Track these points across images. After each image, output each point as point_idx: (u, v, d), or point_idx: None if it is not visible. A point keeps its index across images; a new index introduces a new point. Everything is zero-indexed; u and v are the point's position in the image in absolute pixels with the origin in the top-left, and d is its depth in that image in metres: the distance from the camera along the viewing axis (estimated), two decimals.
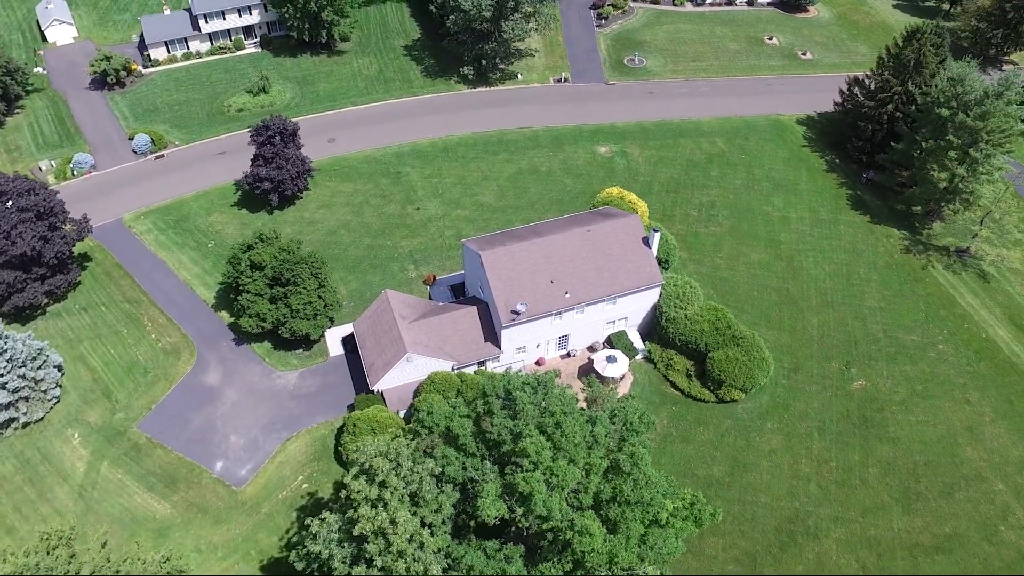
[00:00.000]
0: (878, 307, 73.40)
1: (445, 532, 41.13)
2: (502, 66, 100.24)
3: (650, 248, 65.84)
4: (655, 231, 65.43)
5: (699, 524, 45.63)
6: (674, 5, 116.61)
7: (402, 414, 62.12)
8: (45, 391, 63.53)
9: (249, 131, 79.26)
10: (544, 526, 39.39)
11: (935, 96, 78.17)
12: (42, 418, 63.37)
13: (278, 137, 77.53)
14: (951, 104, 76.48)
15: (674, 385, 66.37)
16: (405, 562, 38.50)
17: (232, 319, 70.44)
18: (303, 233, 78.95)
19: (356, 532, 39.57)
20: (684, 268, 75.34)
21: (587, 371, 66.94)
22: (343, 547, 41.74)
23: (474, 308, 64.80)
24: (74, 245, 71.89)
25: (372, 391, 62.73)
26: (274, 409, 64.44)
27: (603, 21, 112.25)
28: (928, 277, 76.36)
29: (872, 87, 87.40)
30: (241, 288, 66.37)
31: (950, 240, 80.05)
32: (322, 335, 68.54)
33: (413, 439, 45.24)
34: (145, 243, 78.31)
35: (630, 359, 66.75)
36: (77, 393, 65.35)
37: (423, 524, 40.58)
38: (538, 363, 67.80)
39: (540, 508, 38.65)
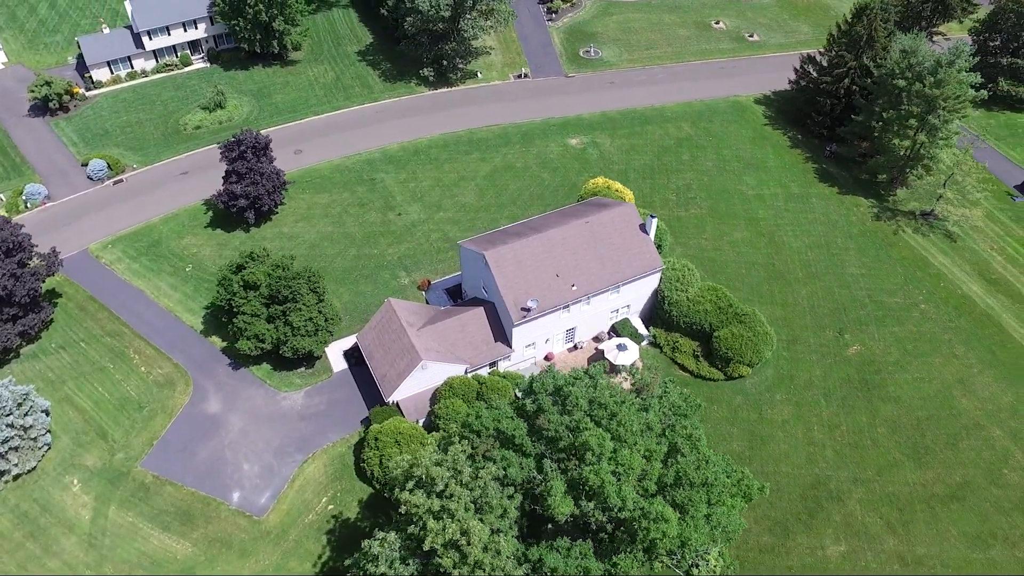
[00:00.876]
0: (860, 274, 76.17)
1: (513, 536, 40.59)
2: (462, 66, 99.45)
3: (648, 234, 66.54)
4: (652, 217, 66.17)
5: (748, 499, 46.43)
6: None
7: (421, 423, 61.02)
8: (35, 438, 59.73)
9: (219, 147, 76.29)
10: (620, 515, 39.33)
11: (890, 68, 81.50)
12: (35, 467, 59.58)
13: (250, 152, 74.90)
14: (906, 75, 79.89)
15: (683, 367, 67.32)
16: (484, 572, 37.79)
17: (225, 343, 67.85)
18: (285, 248, 76.54)
19: (427, 547, 38.59)
20: (673, 252, 76.36)
21: (596, 361, 67.12)
22: (408, 565, 40.70)
23: (481, 309, 64.16)
24: (44, 281, 67.85)
25: (387, 403, 61.39)
26: (284, 432, 62.31)
27: (554, 15, 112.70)
28: (900, 241, 79.70)
29: (826, 63, 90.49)
30: (236, 310, 63.86)
31: (915, 204, 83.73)
32: (323, 351, 66.60)
33: (469, 445, 44.26)
34: (117, 273, 74.47)
35: (638, 345, 67.31)
36: (69, 437, 61.70)
37: (492, 531, 39.90)
38: (547, 358, 67.68)
39: (614, 499, 38.57)
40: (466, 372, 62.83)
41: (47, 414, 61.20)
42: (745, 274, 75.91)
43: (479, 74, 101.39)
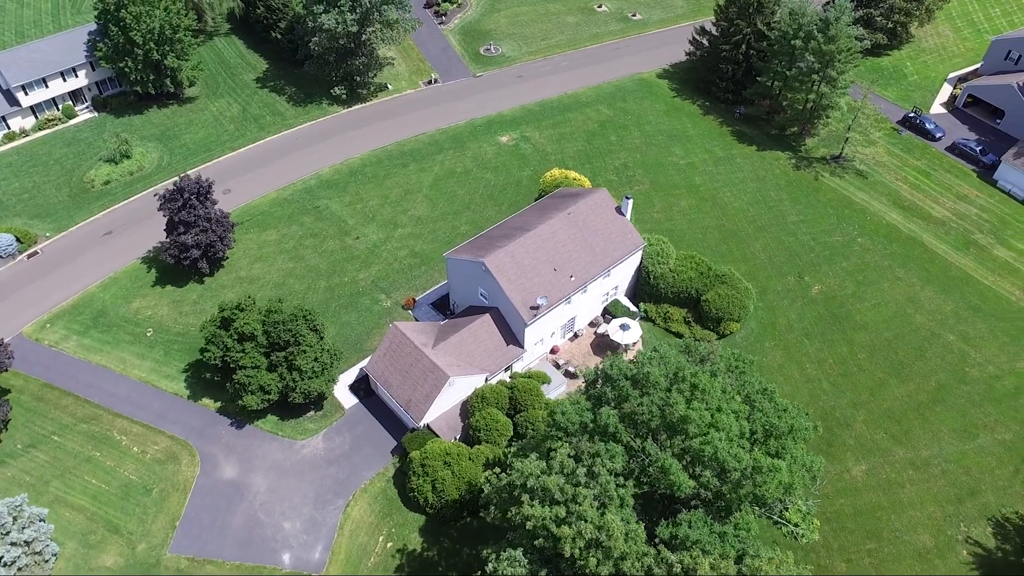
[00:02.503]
0: (799, 220, 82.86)
1: (636, 522, 41.66)
2: (371, 79, 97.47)
3: (625, 215, 69.13)
4: (627, 199, 68.81)
5: (806, 441, 50.02)
6: None
7: (457, 439, 60.38)
8: (39, 551, 53.63)
9: (157, 199, 70.87)
10: (732, 477, 41.45)
11: (784, 30, 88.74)
12: None
13: (195, 198, 70.13)
14: (799, 35, 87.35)
15: (677, 335, 70.62)
16: (630, 562, 38.66)
17: (219, 403, 63.75)
18: (249, 293, 72.12)
19: (567, 553, 38.91)
20: None
21: (600, 345, 69.23)
22: None
23: (487, 316, 64.17)
24: None
25: (417, 428, 60.26)
26: (316, 480, 59.59)
27: (443, 17, 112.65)
28: (823, 186, 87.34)
29: (720, 32, 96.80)
30: (234, 365, 60.04)
31: (824, 150, 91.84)
32: (332, 389, 64.07)
33: (570, 446, 44.56)
34: (67, 353, 67.67)
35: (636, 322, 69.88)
36: (75, 541, 55.90)
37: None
38: (553, 351, 68.82)
39: (732, 463, 40.67)
40: (486, 380, 62.82)
41: (44, 521, 54.96)
42: (702, 239, 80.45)
43: (389, 86, 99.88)
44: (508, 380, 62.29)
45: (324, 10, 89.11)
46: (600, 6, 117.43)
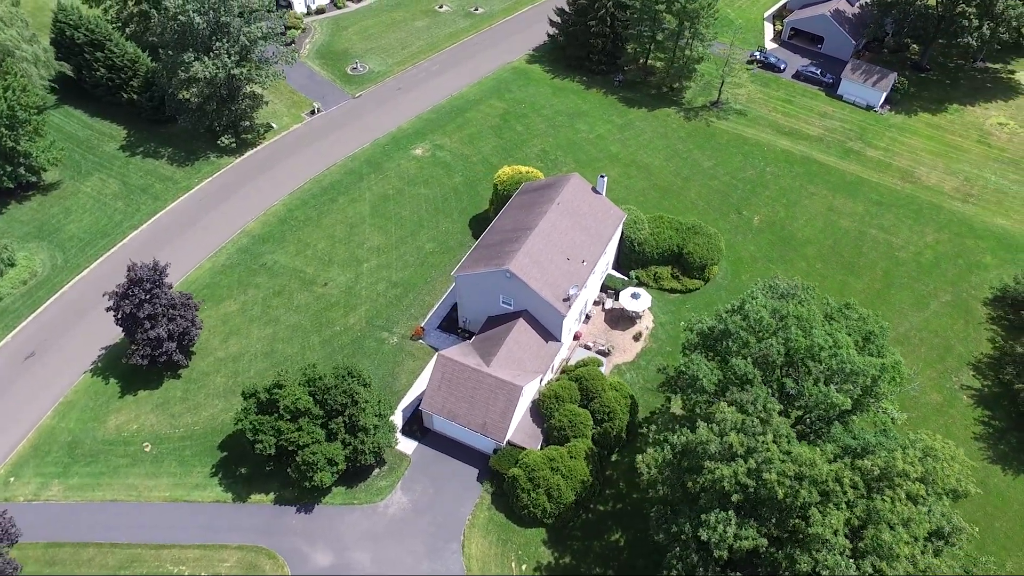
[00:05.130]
0: (714, 164, 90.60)
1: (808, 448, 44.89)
2: (256, 122, 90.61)
3: (602, 193, 71.76)
4: (602, 177, 71.44)
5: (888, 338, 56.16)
6: (337, 8, 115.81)
7: (540, 445, 59.90)
8: None
9: (109, 299, 61.45)
10: (865, 381, 46.03)
11: None
12: None
13: (156, 287, 61.90)
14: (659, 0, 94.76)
15: (671, 291, 74.97)
16: (830, 481, 41.76)
17: (273, 495, 57.74)
18: (239, 372, 65.94)
19: (780, 496, 41.17)
20: None
21: (614, 319, 71.63)
22: (747, 527, 42.86)
23: (521, 320, 63.87)
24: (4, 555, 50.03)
25: (498, 447, 58.97)
26: (417, 534, 56.29)
27: (293, 44, 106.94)
28: (716, 131, 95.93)
29: (579, 10, 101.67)
30: (294, 447, 54.68)
31: (703, 99, 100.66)
32: (395, 436, 60.40)
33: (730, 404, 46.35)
34: (57, 501, 57.38)
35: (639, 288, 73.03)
36: None
37: None
38: (576, 337, 70.04)
39: (874, 371, 45.26)
40: (541, 382, 62.82)
41: None
42: (644, 201, 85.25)
43: (273, 125, 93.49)
44: (565, 374, 62.74)
45: (196, 58, 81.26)
46: (441, 6, 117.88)
